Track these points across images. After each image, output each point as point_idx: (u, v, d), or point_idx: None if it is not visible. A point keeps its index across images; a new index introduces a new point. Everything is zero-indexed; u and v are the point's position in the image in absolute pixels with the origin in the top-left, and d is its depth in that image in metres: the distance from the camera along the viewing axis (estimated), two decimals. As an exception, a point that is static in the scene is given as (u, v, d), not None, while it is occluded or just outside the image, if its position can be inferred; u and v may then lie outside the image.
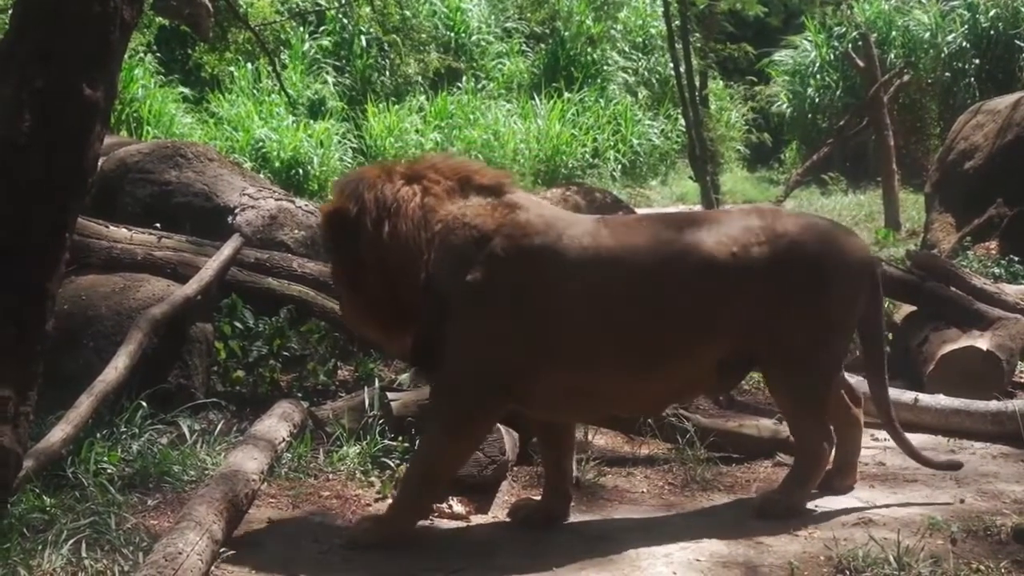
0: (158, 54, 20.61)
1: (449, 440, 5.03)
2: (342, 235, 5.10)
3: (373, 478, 5.79)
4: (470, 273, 4.93)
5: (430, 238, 4.99)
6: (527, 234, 5.00)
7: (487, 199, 5.11)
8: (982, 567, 4.64)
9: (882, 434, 6.80)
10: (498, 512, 5.49)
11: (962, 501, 5.58)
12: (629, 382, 5.14)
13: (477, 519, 5.41)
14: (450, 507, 5.40)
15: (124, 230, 7.33)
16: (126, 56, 4.17)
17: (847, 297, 5.37)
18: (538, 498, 5.46)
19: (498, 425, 5.59)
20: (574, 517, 5.42)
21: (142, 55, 19.62)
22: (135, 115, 18.69)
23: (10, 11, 4.56)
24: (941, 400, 6.96)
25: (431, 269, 4.96)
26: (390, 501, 5.30)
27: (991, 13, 21.22)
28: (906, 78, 18.23)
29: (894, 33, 22.23)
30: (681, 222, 5.35)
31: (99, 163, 4.10)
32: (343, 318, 6.21)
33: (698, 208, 15.21)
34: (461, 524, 5.35)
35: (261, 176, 12.90)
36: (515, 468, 5.91)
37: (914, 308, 8.33)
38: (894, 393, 7.06)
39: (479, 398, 5.00)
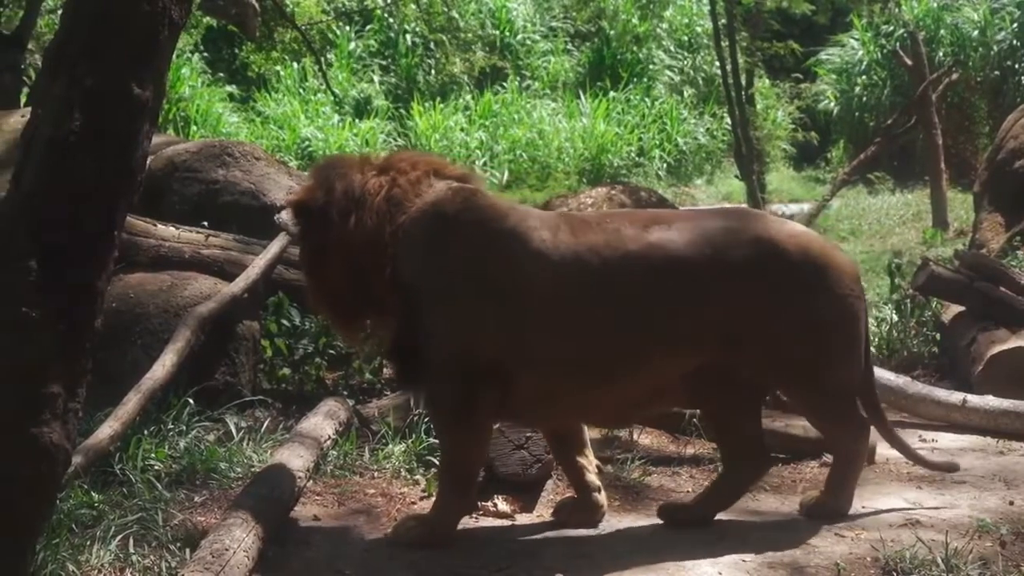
0: (205, 54, 20.78)
1: (455, 436, 5.00)
2: (309, 223, 5.08)
3: (418, 476, 5.80)
4: (435, 261, 4.90)
5: (394, 231, 4.94)
6: (487, 218, 4.96)
7: (450, 183, 5.09)
8: (1032, 570, 4.60)
9: (929, 434, 6.79)
10: (543, 511, 5.48)
11: (1011, 503, 5.52)
12: (587, 388, 4.99)
13: (522, 518, 5.40)
14: (495, 505, 5.40)
15: (172, 228, 7.37)
16: (174, 56, 4.18)
17: (839, 303, 5.09)
18: (581, 497, 5.43)
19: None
20: (620, 516, 5.41)
21: (189, 55, 19.79)
22: (182, 114, 18.85)
23: (60, 11, 4.60)
24: (990, 401, 6.90)
25: (397, 262, 4.92)
26: (433, 500, 5.31)
27: (1041, 10, 21.01)
28: (955, 76, 18.06)
29: (943, 31, 22.00)
30: (648, 220, 5.12)
31: (147, 162, 4.12)
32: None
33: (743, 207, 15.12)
34: (506, 522, 5.35)
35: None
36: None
37: (962, 308, 8.27)
38: (942, 394, 7.06)
39: (467, 389, 4.86)
